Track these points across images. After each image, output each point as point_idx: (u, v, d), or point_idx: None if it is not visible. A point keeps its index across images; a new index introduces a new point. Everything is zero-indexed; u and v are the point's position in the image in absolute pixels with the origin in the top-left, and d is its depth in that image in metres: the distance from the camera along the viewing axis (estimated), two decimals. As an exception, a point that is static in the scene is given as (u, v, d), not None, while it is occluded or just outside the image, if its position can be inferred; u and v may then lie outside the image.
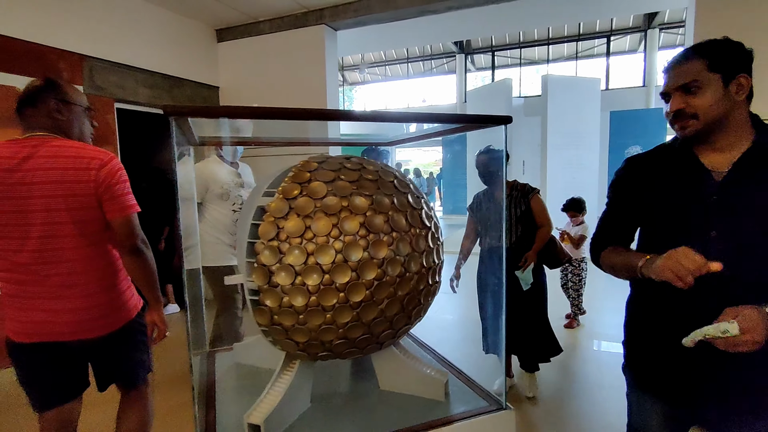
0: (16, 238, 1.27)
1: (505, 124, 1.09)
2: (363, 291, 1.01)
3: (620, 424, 2.65)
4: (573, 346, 3.55)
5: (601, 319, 4.38)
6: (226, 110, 0.84)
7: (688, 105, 0.92)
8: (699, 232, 0.95)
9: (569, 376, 3.09)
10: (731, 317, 0.81)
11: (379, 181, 1.12)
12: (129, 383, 1.49)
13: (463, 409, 1.17)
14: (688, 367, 0.96)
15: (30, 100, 1.39)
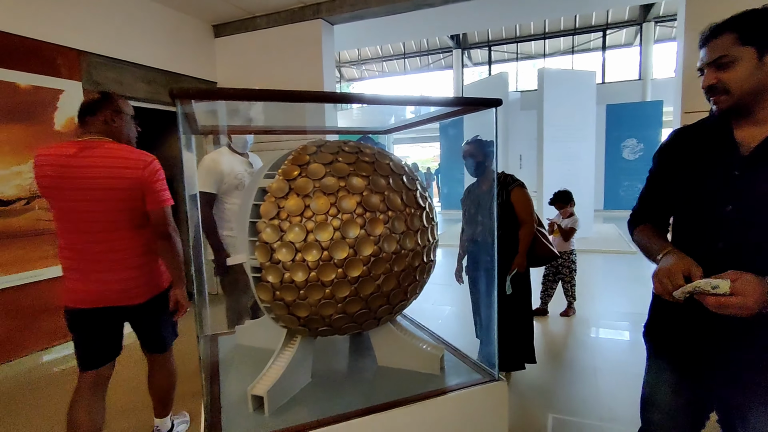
0: (74, 221, 1.61)
1: (495, 107, 1.14)
2: (360, 267, 1.06)
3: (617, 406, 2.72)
4: (567, 333, 3.61)
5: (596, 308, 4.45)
6: (233, 92, 0.88)
7: (719, 80, 0.91)
8: (716, 206, 0.94)
9: (566, 362, 3.16)
10: (730, 278, 0.82)
11: (375, 163, 1.17)
12: (160, 346, 1.89)
13: (457, 382, 1.22)
14: (702, 337, 0.97)
15: (90, 110, 1.71)
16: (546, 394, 2.60)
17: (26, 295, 3.11)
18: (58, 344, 3.33)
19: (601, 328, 3.89)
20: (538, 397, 2.57)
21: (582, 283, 5.19)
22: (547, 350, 3.27)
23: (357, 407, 1.11)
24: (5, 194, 3.02)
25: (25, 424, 2.43)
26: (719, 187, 0.94)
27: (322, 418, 1.06)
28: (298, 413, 1.10)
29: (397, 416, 1.09)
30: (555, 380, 2.79)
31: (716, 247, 0.95)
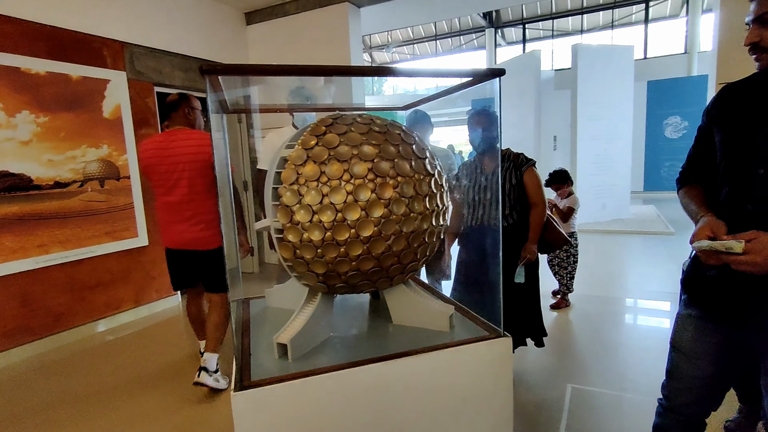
0: (167, 187, 2.34)
1: (499, 77, 1.19)
2: (371, 227, 1.15)
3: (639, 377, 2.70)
4: (596, 312, 3.60)
5: (628, 287, 4.39)
6: (260, 68, 0.99)
7: (762, 38, 0.89)
8: (750, 168, 0.92)
9: (590, 338, 3.17)
10: (747, 237, 0.85)
11: (386, 133, 1.25)
12: (220, 287, 2.43)
13: (465, 337, 1.30)
14: (737, 289, 0.98)
15: (173, 107, 2.44)
16: (567, 367, 2.64)
17: (81, 269, 3.41)
18: (111, 315, 3.63)
19: (631, 307, 3.86)
20: (559, 369, 2.62)
21: (615, 263, 5.11)
22: (572, 327, 3.29)
23: (374, 354, 1.22)
24: (62, 177, 3.29)
25: (82, 384, 2.71)
26: (752, 148, 0.92)
27: (338, 363, 1.18)
28: (318, 360, 1.22)
29: (407, 364, 1.19)
30: (577, 354, 2.82)
31: (745, 208, 0.95)
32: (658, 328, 3.28)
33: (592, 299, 3.82)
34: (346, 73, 1.21)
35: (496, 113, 2.05)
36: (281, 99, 2.29)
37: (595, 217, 7.45)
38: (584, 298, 3.84)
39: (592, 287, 4.15)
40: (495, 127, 2.02)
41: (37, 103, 3.14)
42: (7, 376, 2.83)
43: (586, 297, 3.88)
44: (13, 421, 2.30)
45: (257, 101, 2.15)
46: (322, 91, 2.28)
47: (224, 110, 1.70)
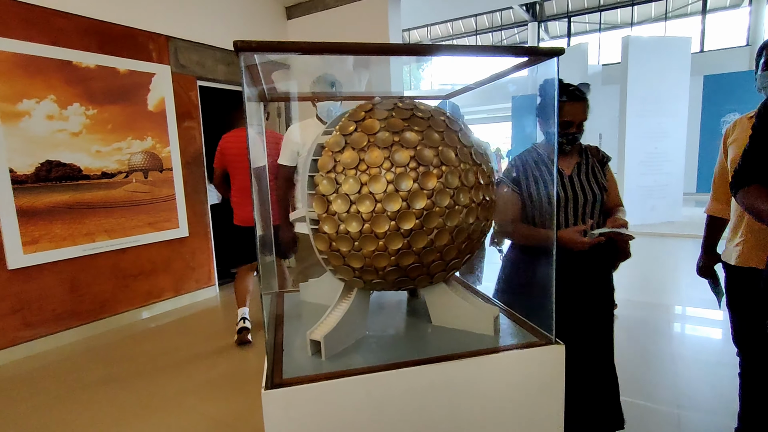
0: (243, 176, 3.03)
1: (557, 56, 1.08)
2: (413, 219, 1.07)
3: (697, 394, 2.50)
4: (647, 320, 3.38)
5: (680, 294, 4.10)
6: (297, 46, 0.92)
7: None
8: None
9: (642, 348, 2.96)
10: None
11: (430, 119, 1.16)
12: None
13: (512, 343, 1.20)
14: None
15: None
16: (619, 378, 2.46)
17: (125, 258, 3.51)
18: (152, 303, 3.72)
19: (684, 316, 3.60)
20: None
21: (666, 269, 4.80)
22: (623, 336, 3.09)
23: (413, 356, 1.14)
24: (108, 168, 3.39)
25: (126, 368, 2.77)
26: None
27: (375, 365, 1.10)
28: (352, 360, 1.15)
29: (448, 369, 1.11)
30: (628, 364, 2.63)
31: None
32: (710, 339, 3.03)
33: (640, 305, 3.59)
34: (388, 51, 1.13)
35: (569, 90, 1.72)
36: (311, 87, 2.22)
37: (643, 218, 7.06)
38: (631, 305, 3.61)
39: (639, 293, 3.91)
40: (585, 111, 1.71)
41: (87, 96, 3.25)
42: (56, 357, 2.94)
43: (633, 303, 3.65)
44: (60, 400, 2.38)
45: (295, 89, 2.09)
46: (351, 78, 2.17)
47: (262, 98, 1.65)
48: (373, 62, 4.41)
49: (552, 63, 1.13)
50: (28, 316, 2.99)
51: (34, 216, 2.99)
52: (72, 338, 3.19)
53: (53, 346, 3.09)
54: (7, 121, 2.85)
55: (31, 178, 2.97)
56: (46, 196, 3.05)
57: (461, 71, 17.40)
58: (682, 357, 2.70)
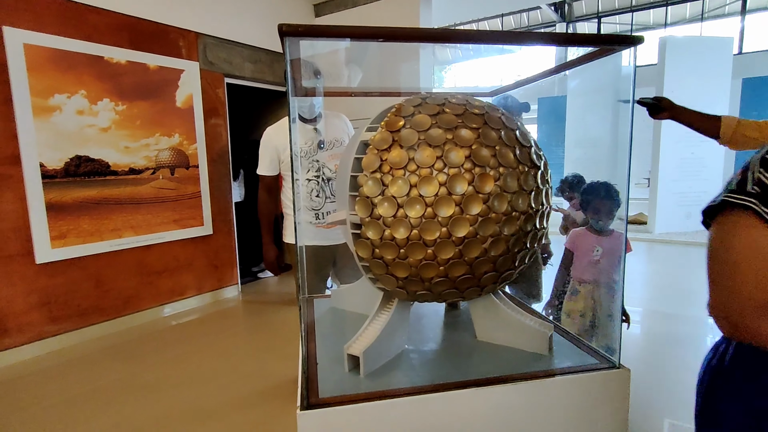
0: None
1: (635, 45, 0.96)
2: (467, 226, 0.96)
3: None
4: (685, 334, 3.19)
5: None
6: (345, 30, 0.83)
7: None
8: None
9: (684, 366, 2.79)
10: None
11: (485, 115, 1.06)
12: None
13: (568, 365, 1.08)
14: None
15: None
16: (659, 397, 2.31)
17: (150, 255, 3.50)
18: (175, 300, 3.70)
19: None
20: (650, 398, 2.28)
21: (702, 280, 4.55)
22: (660, 350, 2.91)
23: (454, 380, 1.04)
24: (136, 164, 3.38)
25: (148, 367, 2.73)
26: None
27: (418, 385, 1.00)
28: (393, 378, 1.05)
29: (499, 394, 1.00)
30: (672, 383, 2.46)
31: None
32: None
33: (677, 318, 3.39)
34: (440, 38, 0.99)
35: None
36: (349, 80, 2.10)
37: (677, 226, 6.76)
38: (668, 317, 3.41)
39: (675, 305, 3.70)
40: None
41: (117, 92, 3.24)
42: (80, 353, 2.93)
43: (669, 316, 3.45)
44: (82, 399, 2.35)
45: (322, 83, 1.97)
46: (339, 70, 1.97)
47: (297, 91, 1.57)
48: (401, 59, 4.31)
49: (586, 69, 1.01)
50: (54, 310, 2.99)
51: (63, 211, 2.99)
52: (95, 334, 3.18)
53: (77, 341, 3.09)
54: (39, 116, 2.85)
55: (61, 173, 2.97)
56: (75, 191, 3.05)
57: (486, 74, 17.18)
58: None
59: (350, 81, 2.43)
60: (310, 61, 1.92)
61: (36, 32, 2.82)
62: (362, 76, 2.24)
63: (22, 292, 2.84)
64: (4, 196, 2.75)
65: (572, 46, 1.00)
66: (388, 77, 3.61)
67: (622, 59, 4.24)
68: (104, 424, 2.12)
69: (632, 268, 5.05)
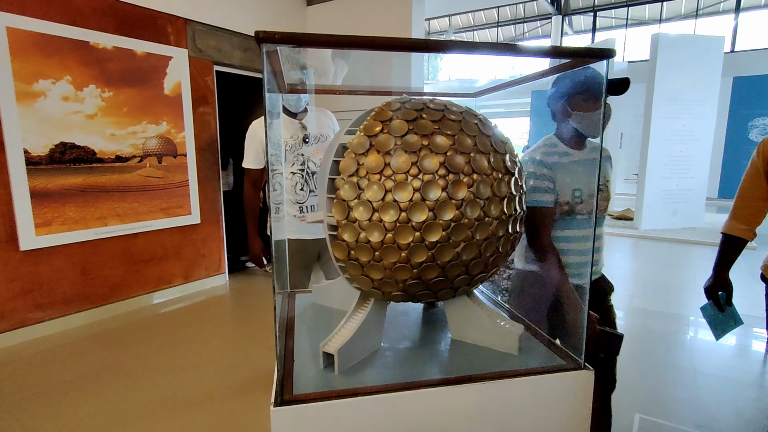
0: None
1: (608, 59, 0.98)
2: (439, 231, 0.99)
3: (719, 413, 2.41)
4: (665, 331, 3.28)
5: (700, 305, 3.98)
6: (325, 39, 0.84)
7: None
8: None
9: (659, 361, 2.87)
10: None
11: (462, 122, 1.08)
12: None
13: (536, 365, 1.12)
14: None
15: None
16: (633, 392, 2.38)
17: (137, 243, 3.49)
18: (162, 288, 3.71)
19: (704, 327, 3.47)
20: (624, 394, 2.35)
21: (686, 278, 4.67)
22: (639, 346, 2.99)
23: (426, 378, 1.07)
24: (123, 152, 3.36)
25: (133, 355, 2.75)
26: None
27: (390, 383, 1.04)
28: (367, 375, 1.08)
29: (468, 392, 1.03)
30: (645, 378, 2.54)
31: None
32: (733, 355, 2.91)
33: (658, 316, 3.47)
34: (419, 47, 1.00)
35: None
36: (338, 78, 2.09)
37: (663, 223, 6.87)
38: (649, 314, 3.49)
39: (658, 302, 3.78)
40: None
41: (103, 78, 3.20)
42: (65, 341, 2.94)
43: (651, 313, 3.53)
44: (66, 387, 2.36)
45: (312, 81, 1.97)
46: (325, 65, 1.95)
47: (281, 89, 1.58)
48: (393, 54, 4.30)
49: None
50: (39, 297, 2.99)
51: (47, 198, 2.97)
52: (81, 321, 3.19)
53: (62, 328, 3.09)
54: (23, 101, 2.81)
55: (45, 160, 2.94)
56: (60, 178, 3.03)
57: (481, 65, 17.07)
58: (702, 372, 2.60)
59: (336, 77, 2.42)
60: (295, 56, 1.91)
61: (19, 15, 2.76)
62: (350, 70, 2.23)
63: (5, 279, 2.84)
64: (-12, 182, 2.73)
65: (548, 57, 1.02)
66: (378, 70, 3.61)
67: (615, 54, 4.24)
68: (88, 412, 2.15)
69: (617, 264, 5.15)
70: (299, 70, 2.00)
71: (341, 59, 2.09)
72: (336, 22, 4.73)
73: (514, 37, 16.69)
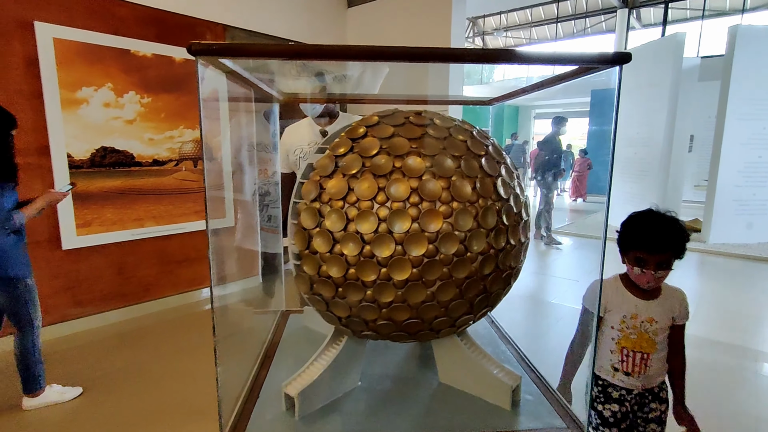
0: None
1: (620, 65, 0.79)
2: (408, 268, 0.85)
3: None
4: (726, 366, 2.88)
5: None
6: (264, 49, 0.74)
7: None
8: None
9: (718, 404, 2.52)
10: None
11: (447, 139, 0.93)
12: None
13: (530, 425, 0.95)
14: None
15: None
16: None
17: (171, 244, 3.59)
18: (194, 289, 3.79)
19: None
20: None
21: (760, 303, 4.13)
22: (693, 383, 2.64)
23: (403, 429, 0.94)
24: (160, 156, 3.45)
25: (156, 357, 2.81)
26: None
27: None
28: (330, 424, 0.97)
29: (443, 455, 0.89)
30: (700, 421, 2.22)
31: None
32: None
33: (721, 347, 3.06)
34: (403, 56, 0.84)
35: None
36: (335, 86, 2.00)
37: (736, 237, 6.16)
38: (710, 345, 3.09)
39: (722, 331, 3.35)
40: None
41: (143, 85, 3.31)
42: (98, 337, 3.07)
43: (712, 343, 3.12)
44: (86, 385, 2.44)
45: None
46: (343, 71, 1.88)
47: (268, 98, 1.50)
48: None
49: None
50: (78, 294, 3.14)
51: (88, 200, 3.11)
52: (116, 318, 3.32)
53: (99, 324, 3.23)
54: (67, 108, 2.96)
55: (87, 164, 3.08)
56: (100, 181, 3.16)
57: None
58: (766, 421, 2.24)
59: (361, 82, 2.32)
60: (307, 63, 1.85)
61: (65, 27, 2.91)
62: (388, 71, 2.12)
63: (48, 276, 3.00)
64: (34, 185, 2.89)
65: (556, 65, 0.85)
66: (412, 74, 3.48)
67: (685, 49, 3.82)
68: (99, 413, 2.20)
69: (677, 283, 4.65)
70: (314, 77, 1.93)
71: (344, 72, 2.00)
72: (376, 23, 4.64)
73: (574, 33, 15.83)
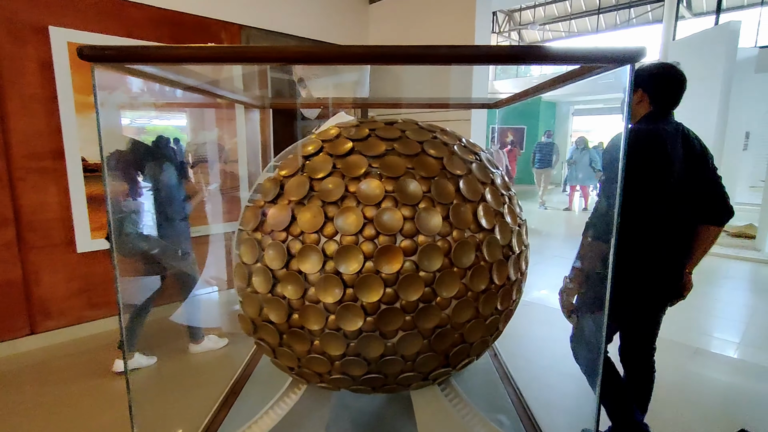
0: None
1: (630, 64, 0.60)
2: (361, 317, 0.70)
3: None
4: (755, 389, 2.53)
5: None
6: (166, 53, 0.60)
7: None
8: None
9: None
10: None
11: (418, 157, 0.76)
12: None
13: None
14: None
15: None
16: None
17: (185, 247, 3.54)
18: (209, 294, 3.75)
19: None
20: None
21: None
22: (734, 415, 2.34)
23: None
24: (174, 158, 3.41)
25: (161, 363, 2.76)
26: None
27: None
28: (281, 488, 0.82)
29: None
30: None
31: None
32: None
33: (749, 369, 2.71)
34: (322, 58, 0.68)
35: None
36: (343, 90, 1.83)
37: (793, 244, 5.59)
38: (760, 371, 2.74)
39: None
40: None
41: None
42: (110, 340, 3.07)
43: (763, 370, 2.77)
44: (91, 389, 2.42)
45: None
46: (312, 76, 1.74)
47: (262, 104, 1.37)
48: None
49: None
50: (93, 297, 3.15)
51: (102, 203, 3.12)
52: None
53: (113, 327, 3.24)
54: (81, 112, 2.96)
55: (101, 167, 3.08)
56: (114, 184, 3.16)
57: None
58: None
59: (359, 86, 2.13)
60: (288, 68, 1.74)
61: (79, 30, 2.91)
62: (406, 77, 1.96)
63: (64, 279, 3.02)
64: (49, 189, 2.91)
65: (555, 64, 0.67)
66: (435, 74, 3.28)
67: (740, 38, 3.36)
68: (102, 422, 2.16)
69: (727, 298, 4.24)
70: (296, 81, 1.82)
71: (362, 68, 1.81)
72: (399, 19, 4.46)
73: (617, 24, 15.00)
